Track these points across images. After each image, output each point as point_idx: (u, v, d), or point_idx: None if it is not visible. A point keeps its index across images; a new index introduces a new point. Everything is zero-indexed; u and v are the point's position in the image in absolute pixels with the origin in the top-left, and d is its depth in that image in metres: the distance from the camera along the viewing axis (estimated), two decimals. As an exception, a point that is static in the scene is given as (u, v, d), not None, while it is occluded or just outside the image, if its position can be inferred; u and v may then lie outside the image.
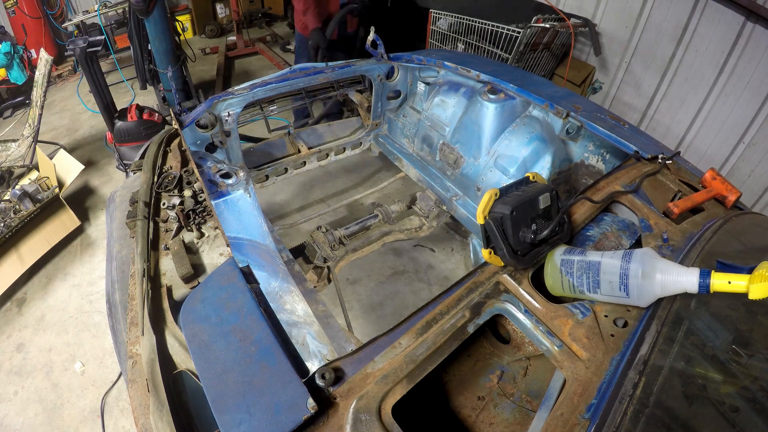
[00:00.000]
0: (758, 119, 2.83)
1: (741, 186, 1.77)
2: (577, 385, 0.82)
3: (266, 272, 1.35)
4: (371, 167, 3.56)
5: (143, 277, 1.00)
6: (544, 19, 3.18)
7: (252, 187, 1.59)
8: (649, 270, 0.89)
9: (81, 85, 4.95)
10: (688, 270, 0.85)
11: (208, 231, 1.23)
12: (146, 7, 3.27)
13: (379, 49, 2.24)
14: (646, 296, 0.90)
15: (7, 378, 2.22)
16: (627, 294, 0.91)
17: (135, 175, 1.58)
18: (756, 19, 2.66)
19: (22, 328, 2.44)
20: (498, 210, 0.99)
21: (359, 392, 0.78)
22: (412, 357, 0.84)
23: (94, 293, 2.61)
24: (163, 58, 3.65)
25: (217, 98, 1.82)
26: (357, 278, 2.67)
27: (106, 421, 2.03)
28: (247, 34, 5.77)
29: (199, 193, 1.30)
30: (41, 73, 3.19)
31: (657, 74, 3.31)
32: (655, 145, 1.63)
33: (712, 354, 0.89)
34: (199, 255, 1.16)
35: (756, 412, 0.80)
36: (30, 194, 2.73)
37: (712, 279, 0.81)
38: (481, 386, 1.20)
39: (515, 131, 1.93)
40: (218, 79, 4.98)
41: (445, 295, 0.98)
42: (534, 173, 1.12)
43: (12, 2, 4.72)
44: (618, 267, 0.92)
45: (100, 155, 3.81)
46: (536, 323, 0.96)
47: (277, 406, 0.73)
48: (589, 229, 1.19)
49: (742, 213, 1.31)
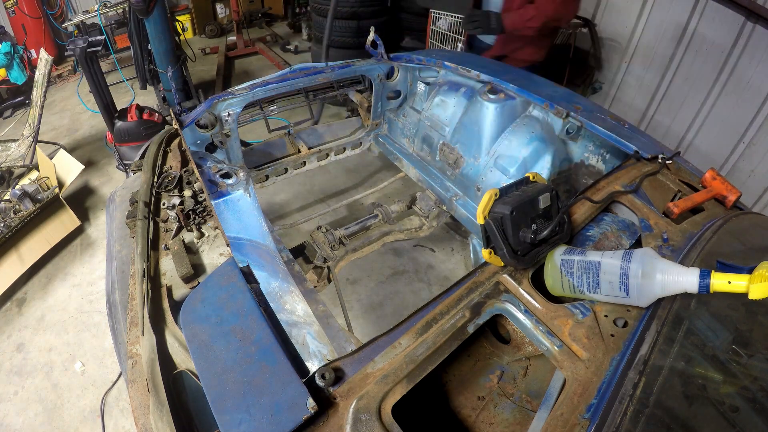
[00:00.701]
0: (758, 119, 2.83)
1: (741, 186, 1.77)
2: (577, 385, 0.82)
3: (266, 272, 1.35)
4: (371, 167, 3.56)
5: (143, 277, 1.00)
6: (544, 19, 3.18)
7: (252, 187, 1.59)
8: (650, 270, 0.89)
9: (81, 85, 4.95)
10: (688, 270, 0.85)
11: (208, 231, 1.23)
12: (146, 7, 3.27)
13: (379, 49, 2.24)
14: (647, 296, 0.90)
15: (7, 378, 2.22)
16: (627, 294, 0.91)
17: (135, 175, 1.58)
18: (756, 19, 2.66)
19: (22, 328, 2.44)
20: (498, 210, 0.99)
21: (359, 392, 0.78)
22: (412, 357, 0.84)
23: (94, 293, 2.61)
24: (163, 58, 3.66)
25: (217, 98, 1.82)
26: (357, 278, 2.67)
27: (106, 421, 2.03)
28: (247, 34, 5.77)
29: (199, 193, 1.30)
30: (41, 73, 3.19)
31: (657, 74, 3.31)
32: (655, 145, 1.63)
33: (712, 354, 0.89)
34: (199, 255, 1.16)
35: (756, 412, 0.80)
36: (30, 194, 2.73)
37: (712, 279, 0.81)
38: (481, 386, 1.20)
39: (515, 131, 1.93)
40: (218, 79, 4.98)
41: (445, 295, 0.98)
42: (534, 173, 1.12)
43: (12, 2, 4.72)
44: (618, 267, 0.92)
45: (100, 155, 3.81)
46: (536, 323, 0.96)
47: (277, 406, 0.73)
48: (589, 229, 1.19)
49: (742, 213, 1.31)
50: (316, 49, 4.45)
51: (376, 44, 2.23)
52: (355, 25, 4.08)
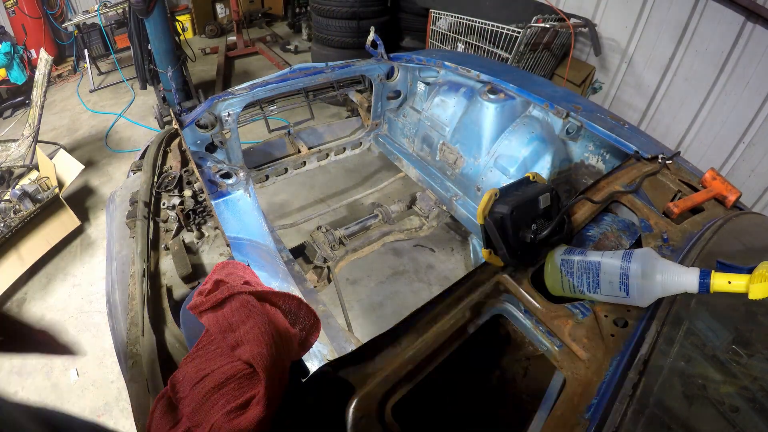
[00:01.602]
0: (758, 119, 2.83)
1: (741, 186, 1.77)
2: (577, 385, 0.82)
3: (266, 272, 1.35)
4: (371, 167, 3.56)
5: (143, 277, 1.00)
6: (544, 19, 3.19)
7: (252, 187, 1.59)
8: (650, 270, 0.89)
9: (81, 85, 4.95)
10: (688, 270, 0.85)
11: (208, 231, 1.23)
12: (146, 7, 3.27)
13: (379, 49, 2.24)
14: (647, 296, 0.90)
15: (7, 378, 2.22)
16: (627, 294, 0.91)
17: (135, 175, 1.58)
18: (756, 19, 2.66)
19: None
20: (498, 210, 0.99)
21: (359, 392, 0.78)
22: (412, 357, 0.84)
23: (94, 293, 2.61)
24: (163, 58, 3.66)
25: (217, 98, 1.82)
26: (357, 278, 2.66)
27: (107, 421, 2.03)
28: (247, 34, 5.77)
29: (199, 193, 1.30)
30: (41, 73, 3.19)
31: (657, 74, 3.31)
32: (655, 145, 1.63)
33: (712, 354, 0.89)
34: (199, 255, 1.16)
35: (756, 412, 0.80)
36: (30, 194, 2.73)
37: (712, 279, 0.81)
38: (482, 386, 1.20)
39: (515, 131, 1.93)
40: (218, 79, 4.98)
41: (445, 295, 0.98)
42: (534, 173, 1.12)
43: (12, 2, 4.72)
44: (618, 267, 0.92)
45: (100, 155, 3.81)
46: (536, 323, 0.96)
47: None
48: (589, 229, 1.19)
49: (742, 213, 1.31)
50: (317, 49, 4.45)
51: (376, 44, 2.23)
52: (355, 25, 4.08)
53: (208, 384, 0.64)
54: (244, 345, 0.64)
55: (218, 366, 0.65)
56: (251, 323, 0.65)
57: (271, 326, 0.65)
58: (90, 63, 4.83)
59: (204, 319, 0.69)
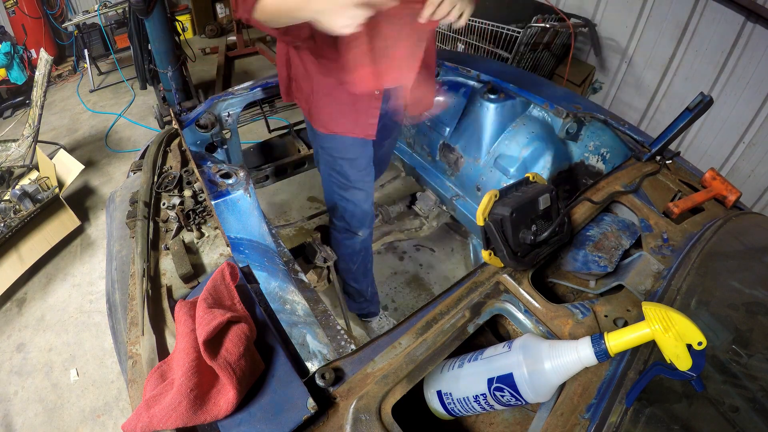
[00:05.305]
0: (758, 119, 2.83)
1: (741, 186, 1.77)
2: (577, 385, 0.82)
3: (266, 272, 1.35)
4: (371, 167, 3.55)
5: (143, 277, 1.00)
6: (544, 19, 3.19)
7: (252, 187, 1.59)
8: (535, 361, 0.79)
9: (81, 85, 4.95)
10: (578, 343, 0.77)
11: (208, 231, 1.23)
12: (146, 7, 3.27)
13: (379, 49, 2.24)
14: (543, 390, 0.81)
15: (8, 378, 2.22)
16: (524, 400, 0.82)
17: (135, 175, 1.57)
18: (756, 19, 2.66)
19: (22, 328, 2.44)
20: (498, 211, 0.99)
21: (359, 392, 0.78)
22: (412, 357, 0.84)
23: (94, 293, 2.61)
24: (163, 58, 3.65)
25: (217, 98, 1.82)
26: (357, 278, 2.66)
27: (106, 421, 2.03)
28: (247, 34, 5.77)
29: (199, 193, 1.30)
30: (41, 73, 3.19)
31: (657, 74, 3.31)
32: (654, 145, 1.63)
33: (712, 354, 0.89)
34: (199, 255, 1.16)
35: (756, 412, 0.80)
36: (30, 194, 2.73)
37: (607, 342, 0.74)
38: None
39: (515, 131, 1.93)
40: (218, 79, 4.97)
41: (445, 295, 0.98)
42: (534, 173, 1.12)
43: (12, 2, 4.71)
44: (494, 376, 0.83)
45: (100, 155, 3.81)
46: (536, 323, 0.96)
47: (277, 406, 0.73)
48: (589, 229, 1.19)
49: (742, 213, 1.31)
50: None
51: (376, 44, 2.23)
52: (355, 25, 4.07)
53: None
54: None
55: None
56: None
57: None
58: (90, 63, 4.83)
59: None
